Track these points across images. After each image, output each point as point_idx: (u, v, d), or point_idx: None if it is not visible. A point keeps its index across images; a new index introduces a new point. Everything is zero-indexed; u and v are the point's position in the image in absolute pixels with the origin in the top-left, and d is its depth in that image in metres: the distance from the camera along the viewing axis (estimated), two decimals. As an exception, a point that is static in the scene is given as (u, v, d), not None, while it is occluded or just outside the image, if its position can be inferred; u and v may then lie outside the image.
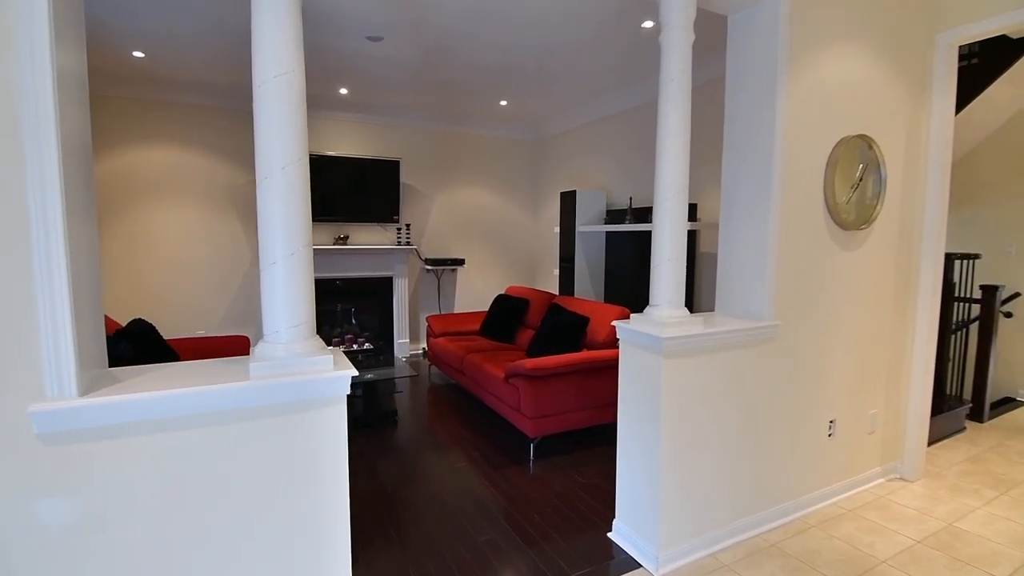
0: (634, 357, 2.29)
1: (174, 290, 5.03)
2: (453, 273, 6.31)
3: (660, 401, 2.16)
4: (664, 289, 2.21)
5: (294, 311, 1.56)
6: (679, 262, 2.22)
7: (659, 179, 2.22)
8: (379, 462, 3.26)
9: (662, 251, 2.20)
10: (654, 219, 2.26)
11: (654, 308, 2.24)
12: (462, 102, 5.42)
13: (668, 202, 2.19)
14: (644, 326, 2.21)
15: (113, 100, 4.66)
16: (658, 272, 2.22)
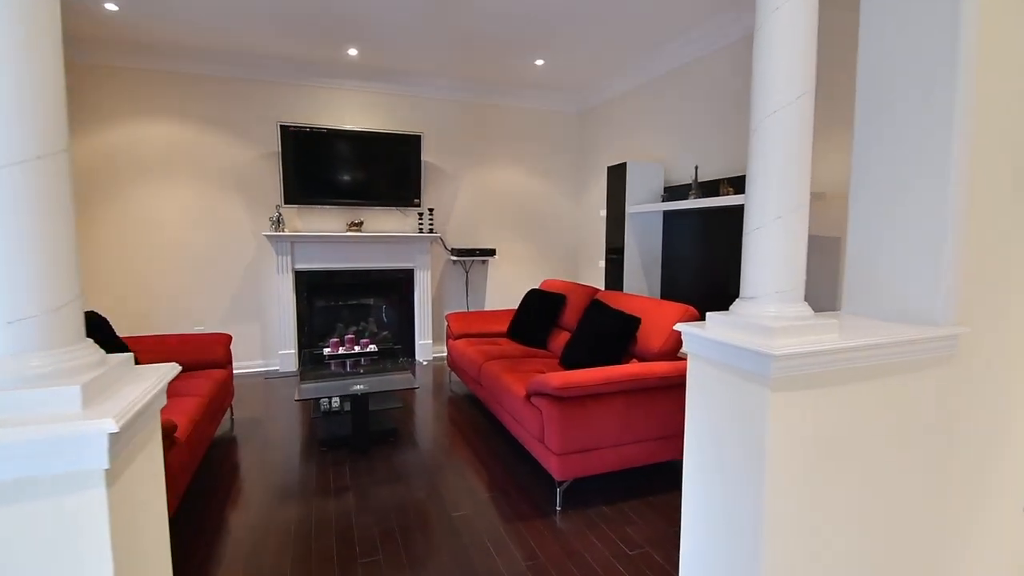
0: (715, 381, 1.39)
1: (170, 281, 4.50)
2: (483, 265, 5.51)
3: (762, 454, 1.25)
4: (771, 269, 1.29)
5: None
6: (799, 221, 1.29)
7: (763, 78, 1.30)
8: (355, 501, 2.48)
9: (767, 203, 1.28)
10: (751, 153, 1.34)
11: (750, 302, 1.33)
12: (491, 63, 4.59)
13: (782, 112, 1.26)
14: (734, 333, 1.30)
15: (97, 68, 4.16)
16: (760, 239, 1.30)
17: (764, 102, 1.28)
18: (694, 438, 1.49)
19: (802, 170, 1.27)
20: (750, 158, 1.34)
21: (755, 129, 1.31)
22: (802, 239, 1.29)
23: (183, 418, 2.36)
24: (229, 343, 3.45)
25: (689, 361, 1.48)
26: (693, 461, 1.50)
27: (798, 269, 1.29)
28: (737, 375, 1.30)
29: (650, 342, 2.87)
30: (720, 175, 3.70)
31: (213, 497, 2.54)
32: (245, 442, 3.22)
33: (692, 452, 1.50)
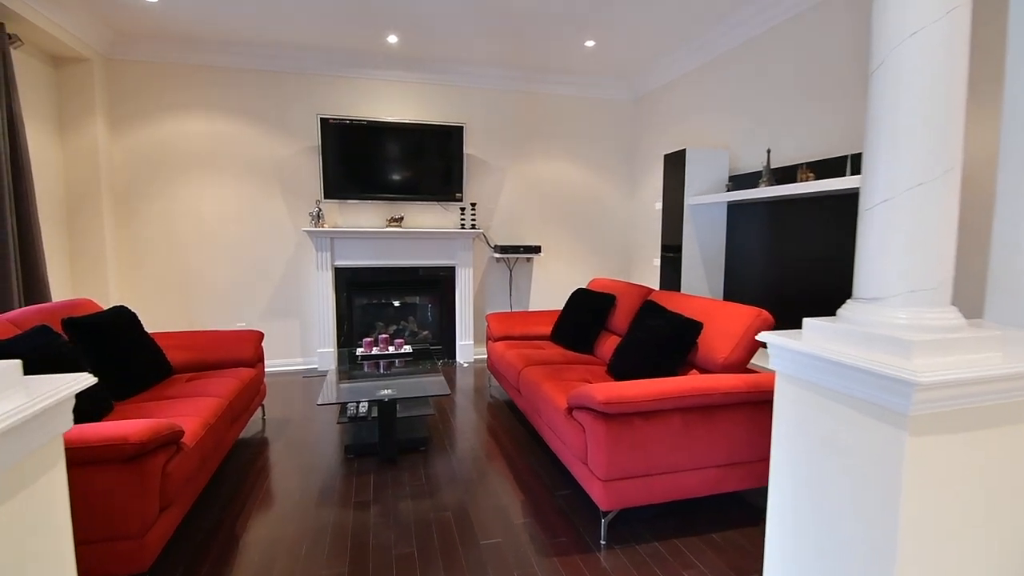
0: (815, 411, 1.03)
1: (212, 276, 4.47)
2: (528, 263, 5.20)
3: (892, 516, 0.88)
4: (903, 258, 0.92)
5: None
6: (948, 190, 0.91)
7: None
8: (375, 519, 2.24)
9: (898, 166, 0.91)
10: (872, 100, 0.97)
11: (870, 306, 0.96)
12: (537, 47, 4.29)
13: (925, 33, 0.89)
14: (846, 347, 0.93)
15: (140, 64, 4.17)
16: (886, 218, 0.93)
17: (896, 21, 0.91)
18: (784, 480, 1.12)
19: (953, 116, 0.89)
20: (871, 108, 0.97)
21: (879, 66, 0.94)
22: (951, 216, 0.91)
23: (196, 421, 2.20)
24: (260, 341, 3.32)
25: (778, 382, 1.12)
26: (782, 506, 1.13)
27: (945, 259, 0.91)
28: (852, 406, 0.93)
29: (714, 351, 2.48)
30: (797, 160, 3.23)
31: (227, 506, 2.37)
32: (272, 445, 3.07)
33: (780, 495, 1.14)
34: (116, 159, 4.20)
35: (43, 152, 3.73)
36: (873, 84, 0.95)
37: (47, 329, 2.26)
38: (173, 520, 1.92)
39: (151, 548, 1.76)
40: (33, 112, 3.63)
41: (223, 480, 2.62)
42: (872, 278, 0.93)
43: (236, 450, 2.99)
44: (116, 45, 4.06)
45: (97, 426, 1.69)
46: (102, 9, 3.59)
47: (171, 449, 1.92)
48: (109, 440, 1.63)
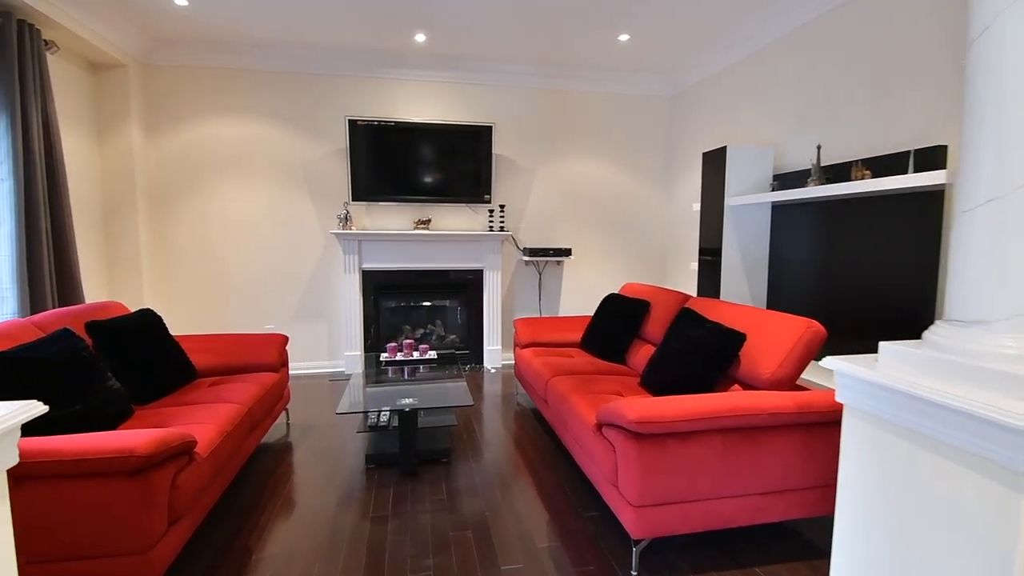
0: (895, 455, 0.84)
1: (243, 278, 4.49)
2: (558, 266, 5.04)
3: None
4: (1013, 272, 0.73)
5: None
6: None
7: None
8: (392, 536, 2.13)
9: (1008, 157, 0.72)
10: (970, 77, 0.79)
11: (968, 330, 0.78)
12: (569, 42, 4.13)
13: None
14: (937, 382, 0.75)
15: (173, 68, 4.22)
16: (988, 222, 0.75)
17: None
18: (855, 526, 0.94)
19: None
20: (969, 87, 0.79)
21: (981, 33, 0.76)
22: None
23: (212, 430, 2.14)
24: (284, 344, 3.28)
25: (846, 417, 0.94)
26: (851, 553, 0.95)
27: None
28: (950, 456, 0.75)
29: (759, 365, 2.27)
30: (851, 156, 2.97)
31: (243, 517, 2.31)
32: (294, 451, 3.01)
33: (850, 541, 0.95)
34: (151, 162, 4.26)
35: (81, 156, 3.80)
36: (973, 57, 0.77)
37: (69, 333, 2.25)
38: (183, 534, 1.85)
39: (157, 565, 1.69)
40: (72, 117, 3.70)
41: (241, 489, 2.57)
42: (973, 296, 0.75)
43: (258, 455, 2.95)
44: (152, 50, 4.12)
45: (102, 436, 1.63)
46: (137, 15, 3.63)
47: (182, 460, 1.86)
48: (114, 452, 1.57)
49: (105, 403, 2.15)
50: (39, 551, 1.59)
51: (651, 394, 2.64)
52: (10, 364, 1.90)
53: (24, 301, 2.91)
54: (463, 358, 4.91)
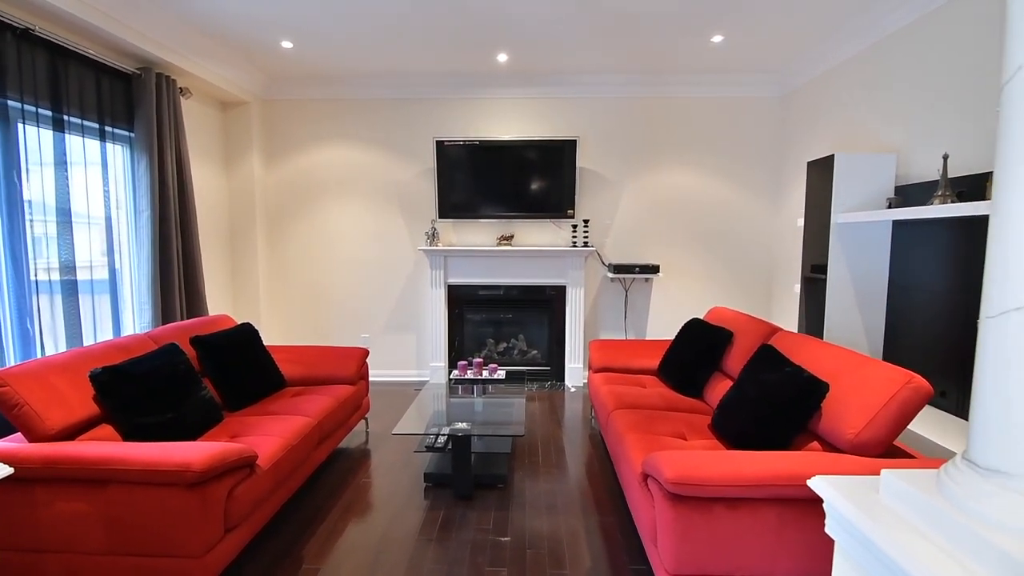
0: None
1: (342, 292, 4.88)
2: (646, 284, 4.78)
3: None
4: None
5: None
6: None
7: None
8: (430, 564, 2.14)
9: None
10: (1004, 123, 0.57)
11: (989, 482, 0.56)
12: (656, 49, 3.89)
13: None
14: (936, 546, 0.55)
15: (285, 103, 4.71)
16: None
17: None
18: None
19: None
20: (1001, 141, 0.57)
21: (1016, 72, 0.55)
22: None
23: (277, 443, 2.33)
24: (364, 358, 3.49)
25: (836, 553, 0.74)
26: None
27: None
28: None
29: (843, 422, 1.93)
30: (985, 167, 2.42)
31: (300, 528, 2.48)
32: (364, 461, 3.18)
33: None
34: (269, 187, 4.79)
35: (212, 184, 4.39)
36: (1007, 102, 0.55)
37: (175, 348, 2.59)
38: (239, 541, 2.04)
39: (211, 568, 1.87)
40: (205, 150, 4.29)
41: (308, 496, 2.76)
42: (996, 436, 0.53)
43: (333, 462, 3.16)
44: (268, 88, 4.63)
45: (169, 449, 1.85)
46: (254, 58, 4.10)
47: (242, 473, 2.04)
48: (174, 466, 1.77)
49: (195, 412, 2.44)
50: (119, 545, 1.84)
51: (720, 440, 2.38)
52: (120, 376, 2.23)
53: (157, 313, 3.42)
54: (543, 375, 4.86)
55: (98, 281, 3.28)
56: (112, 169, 3.35)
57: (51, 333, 2.88)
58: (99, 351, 2.36)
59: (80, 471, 1.81)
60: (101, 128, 3.24)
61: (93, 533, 1.84)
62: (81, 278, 3.07)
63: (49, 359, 2.17)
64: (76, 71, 3.01)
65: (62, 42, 2.87)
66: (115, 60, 3.24)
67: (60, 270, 2.92)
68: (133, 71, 3.37)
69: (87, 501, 1.83)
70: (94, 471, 1.80)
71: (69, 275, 2.97)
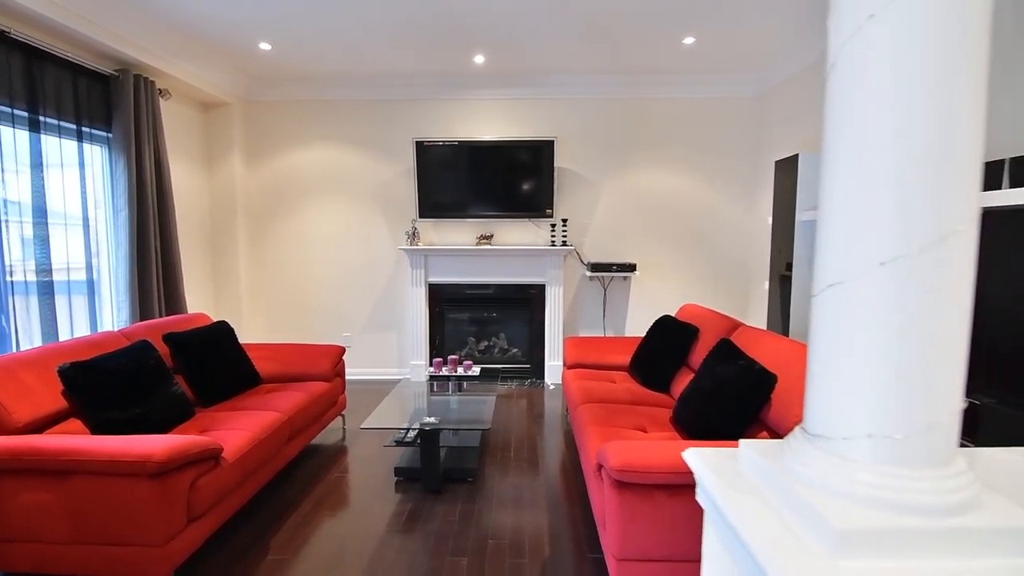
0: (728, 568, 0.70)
1: (323, 292, 4.93)
2: (625, 282, 4.84)
3: None
4: (864, 381, 0.58)
5: None
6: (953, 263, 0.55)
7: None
8: (393, 555, 2.20)
9: (865, 227, 0.58)
10: (825, 116, 0.65)
11: (816, 446, 0.62)
12: (630, 50, 3.96)
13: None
14: (759, 504, 0.62)
15: (265, 104, 4.75)
16: (837, 310, 0.60)
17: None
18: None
19: (955, 147, 0.54)
20: (823, 136, 0.64)
21: (836, 60, 0.61)
22: (960, 310, 0.55)
23: (245, 436, 2.38)
24: (340, 356, 3.54)
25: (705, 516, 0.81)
26: None
27: (946, 384, 0.56)
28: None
29: (789, 411, 2.00)
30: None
31: (273, 517, 2.53)
32: (339, 456, 3.23)
33: None
34: (251, 187, 4.83)
35: (194, 185, 4.43)
36: (827, 97, 0.61)
37: (146, 344, 2.64)
38: (203, 532, 2.08)
39: (173, 557, 1.92)
40: (186, 151, 4.33)
41: (280, 489, 2.81)
42: (817, 404, 0.59)
43: (307, 458, 3.21)
44: (249, 89, 4.68)
45: (132, 441, 1.90)
46: (233, 61, 4.15)
47: (206, 465, 2.09)
48: (135, 457, 1.82)
49: (165, 407, 2.49)
50: (83, 534, 1.88)
51: (680, 432, 2.44)
52: (88, 371, 2.28)
53: (135, 311, 3.46)
54: (523, 373, 4.91)
55: (76, 281, 3.32)
56: (90, 169, 3.40)
57: (27, 332, 2.92)
58: (70, 347, 2.41)
59: (45, 463, 1.85)
60: (78, 129, 3.28)
61: (59, 523, 1.89)
62: (58, 278, 3.12)
63: (19, 354, 2.22)
64: (53, 73, 3.05)
65: (39, 44, 2.91)
66: (92, 62, 3.29)
67: (36, 271, 2.97)
68: (111, 72, 3.41)
69: (53, 492, 1.88)
70: (58, 463, 1.85)
71: (45, 275, 3.01)
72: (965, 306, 0.54)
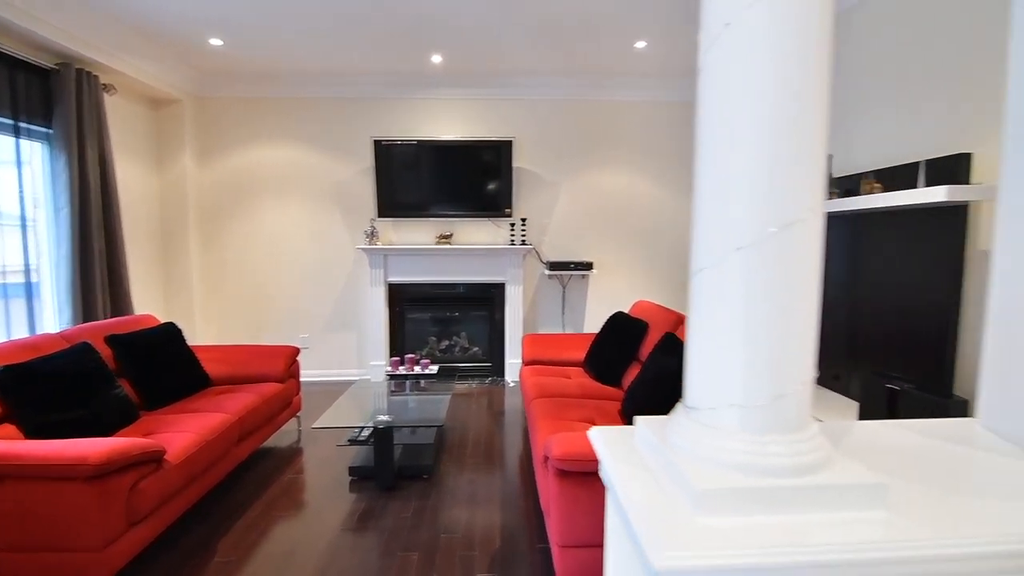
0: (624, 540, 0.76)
1: (281, 292, 4.85)
2: (583, 280, 4.94)
3: None
4: (727, 355, 0.64)
5: None
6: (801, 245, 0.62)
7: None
8: (344, 552, 2.20)
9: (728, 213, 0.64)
10: (696, 109, 0.69)
11: (692, 417, 0.69)
12: (586, 54, 4.05)
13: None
14: (641, 474, 0.67)
15: (221, 100, 4.66)
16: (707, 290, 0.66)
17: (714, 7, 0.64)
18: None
19: (802, 139, 0.61)
20: (695, 127, 0.70)
21: (701, 67, 0.67)
22: (806, 290, 0.62)
23: (190, 439, 2.34)
24: (294, 356, 3.50)
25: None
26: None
27: (795, 357, 0.62)
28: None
29: (724, 400, 2.09)
30: (867, 167, 2.66)
31: (218, 522, 2.50)
32: (295, 459, 3.20)
33: None
34: (204, 186, 4.72)
35: (142, 183, 4.31)
36: (696, 100, 0.67)
37: (86, 346, 2.57)
38: (146, 536, 2.05)
39: (113, 561, 1.88)
40: (134, 149, 4.21)
41: (231, 492, 2.77)
42: (691, 378, 0.65)
43: (260, 460, 3.16)
44: (201, 86, 4.58)
45: (66, 445, 1.85)
46: (182, 56, 4.06)
47: (147, 467, 2.06)
48: (70, 460, 1.78)
49: (107, 410, 2.43)
50: (16, 541, 1.83)
51: (627, 424, 2.52)
52: (22, 374, 2.21)
53: (77, 313, 3.35)
54: (484, 371, 4.95)
55: (13, 284, 3.20)
56: (28, 167, 3.27)
57: (-42, 335, 2.80)
58: (3, 350, 2.33)
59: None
60: (16, 125, 3.16)
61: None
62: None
63: (-54, 358, 2.13)
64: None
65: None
66: (31, 55, 3.17)
67: (-32, 270, 2.84)
68: (51, 66, 3.30)
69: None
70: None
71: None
72: (812, 286, 0.61)
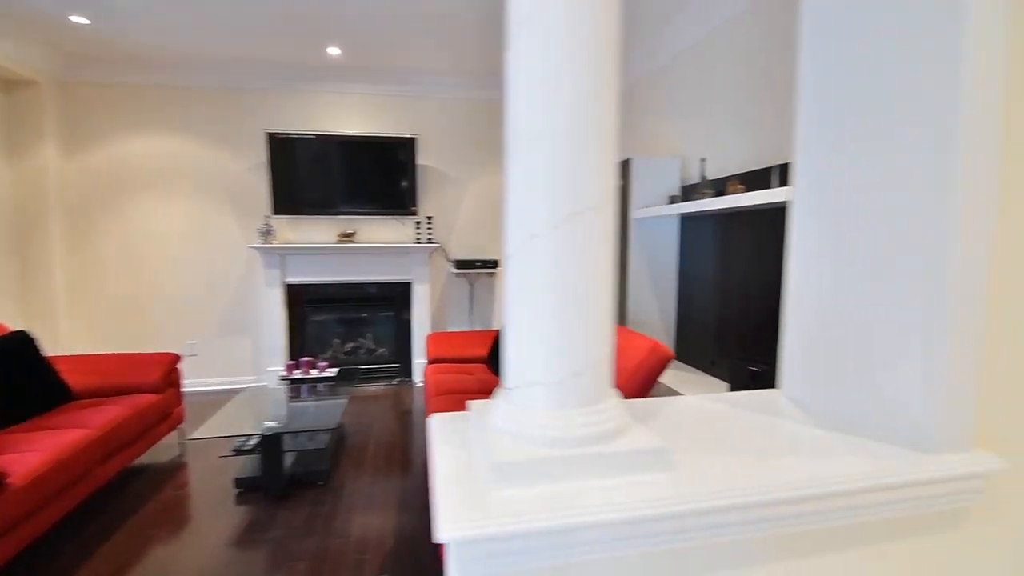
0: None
1: (165, 295, 4.46)
2: (491, 278, 4.99)
3: None
4: (533, 335, 0.68)
5: None
6: (591, 234, 0.67)
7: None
8: (223, 568, 2.07)
9: (532, 199, 0.67)
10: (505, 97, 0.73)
11: (509, 398, 0.72)
12: (487, 54, 4.09)
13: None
14: (460, 452, 0.69)
15: (90, 85, 4.21)
16: (513, 275, 0.69)
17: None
18: None
19: (586, 130, 0.65)
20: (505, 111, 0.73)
21: (505, 70, 0.70)
22: (597, 273, 0.67)
23: (39, 459, 2.09)
24: (173, 364, 3.24)
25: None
26: None
27: (591, 338, 0.66)
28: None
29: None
30: (733, 170, 2.91)
31: (84, 544, 2.26)
32: (175, 473, 2.96)
33: None
34: (69, 180, 4.24)
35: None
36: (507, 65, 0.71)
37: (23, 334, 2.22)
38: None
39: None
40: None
41: (95, 515, 2.52)
42: (506, 360, 0.69)
43: (133, 477, 2.90)
44: (66, 68, 4.11)
45: None
46: (38, 33, 3.62)
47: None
48: None
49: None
50: None
51: (520, 416, 2.58)
52: None
53: (-101, 323, 2.88)
54: (391, 372, 4.86)
55: None
56: None
57: None
58: None
59: None
60: None
61: None
62: None
63: None
64: None
65: None
66: None
67: None
68: None
69: None
70: None
71: None
72: (603, 270, 0.66)
